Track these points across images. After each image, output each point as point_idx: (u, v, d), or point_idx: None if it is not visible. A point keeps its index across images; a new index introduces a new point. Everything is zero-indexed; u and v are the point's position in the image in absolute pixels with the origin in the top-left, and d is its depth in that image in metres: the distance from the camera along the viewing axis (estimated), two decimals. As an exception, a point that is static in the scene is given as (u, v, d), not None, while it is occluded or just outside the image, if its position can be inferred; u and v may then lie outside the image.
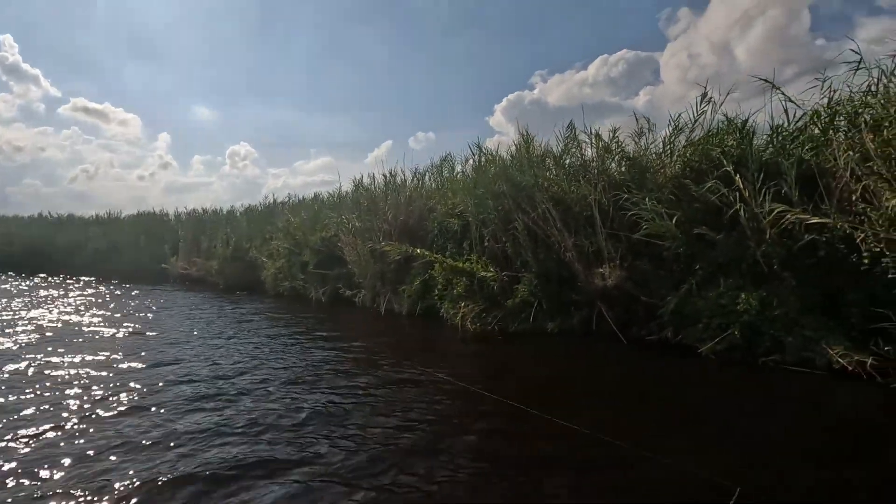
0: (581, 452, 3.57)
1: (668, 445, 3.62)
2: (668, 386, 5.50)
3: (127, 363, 6.22)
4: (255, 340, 7.93)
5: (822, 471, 3.30)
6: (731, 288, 6.41)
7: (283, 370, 5.97)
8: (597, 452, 3.54)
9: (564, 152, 9.03)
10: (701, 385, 5.52)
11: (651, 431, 4.02)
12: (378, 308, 11.24)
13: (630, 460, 3.41)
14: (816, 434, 4.02)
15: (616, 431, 3.77)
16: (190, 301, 13.31)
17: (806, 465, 3.40)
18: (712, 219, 6.97)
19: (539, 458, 3.54)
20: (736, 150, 6.68)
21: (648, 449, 3.48)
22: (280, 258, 15.05)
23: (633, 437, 3.70)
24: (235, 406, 4.61)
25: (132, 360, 6.43)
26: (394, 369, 6.00)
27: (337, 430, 4.03)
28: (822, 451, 3.67)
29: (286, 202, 18.97)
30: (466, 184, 9.75)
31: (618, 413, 4.52)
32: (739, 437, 3.92)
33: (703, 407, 4.73)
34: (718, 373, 5.82)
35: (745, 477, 3.11)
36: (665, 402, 4.87)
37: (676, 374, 5.90)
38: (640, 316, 7.56)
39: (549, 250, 8.37)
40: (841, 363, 5.09)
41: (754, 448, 3.67)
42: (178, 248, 21.55)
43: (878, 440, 3.88)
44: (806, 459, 3.49)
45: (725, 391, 5.26)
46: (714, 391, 5.30)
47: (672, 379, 5.74)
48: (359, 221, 12.07)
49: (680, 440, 3.84)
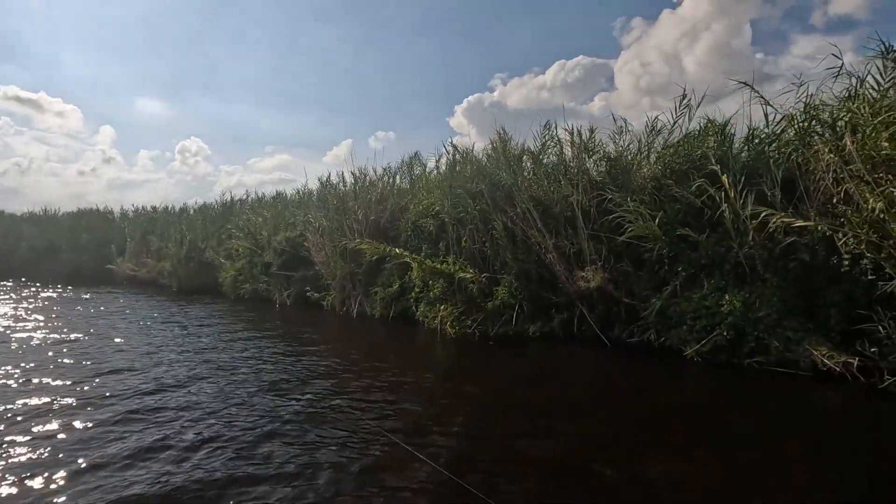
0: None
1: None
2: (661, 392, 5.38)
3: (60, 378, 5.51)
4: (209, 349, 7.27)
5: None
6: (714, 289, 6.41)
7: (234, 385, 5.38)
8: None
9: (542, 151, 8.88)
10: (697, 392, 5.45)
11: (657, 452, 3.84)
12: (348, 311, 10.74)
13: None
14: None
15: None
16: (139, 305, 12.30)
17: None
18: (693, 220, 6.98)
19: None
20: (717, 151, 6.68)
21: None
22: (240, 259, 14.21)
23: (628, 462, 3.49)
24: (168, 427, 4.10)
25: (66, 372, 5.74)
26: (364, 384, 5.59)
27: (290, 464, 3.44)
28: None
29: (245, 200, 18.03)
30: (442, 183, 9.42)
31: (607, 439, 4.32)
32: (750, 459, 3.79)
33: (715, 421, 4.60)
34: (707, 377, 5.78)
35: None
36: (661, 414, 4.73)
37: (667, 381, 5.80)
38: (622, 318, 7.49)
39: (529, 251, 8.18)
40: (828, 364, 5.12)
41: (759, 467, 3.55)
42: (125, 248, 20.09)
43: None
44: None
45: (719, 399, 5.21)
46: (710, 398, 5.23)
47: (663, 386, 5.64)
48: (327, 220, 11.50)
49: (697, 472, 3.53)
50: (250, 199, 17.73)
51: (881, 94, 5.72)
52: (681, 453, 3.66)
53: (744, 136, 7.10)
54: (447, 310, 8.31)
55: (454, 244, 9.15)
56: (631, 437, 4.00)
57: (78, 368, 6.02)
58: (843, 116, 5.72)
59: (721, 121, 7.19)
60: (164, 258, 17.41)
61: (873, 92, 5.77)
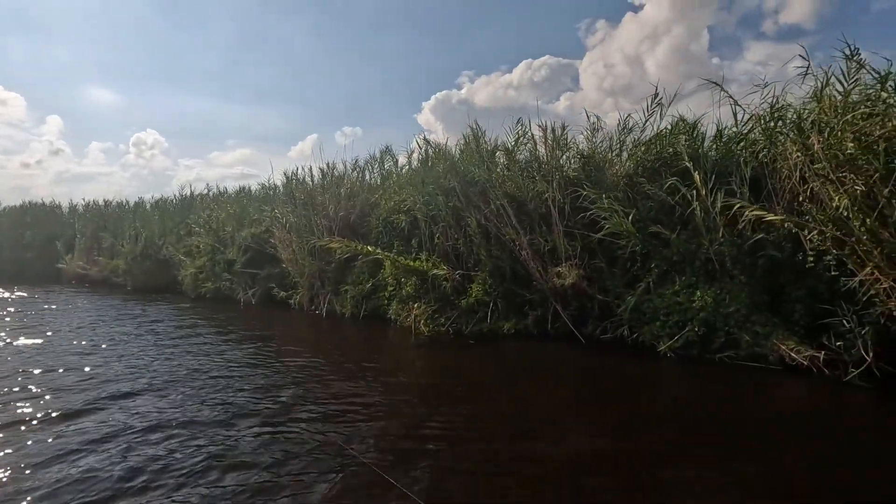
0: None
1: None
2: (640, 388, 5.40)
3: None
4: (159, 354, 6.79)
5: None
6: (686, 286, 6.50)
7: (186, 397, 4.94)
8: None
9: (515, 147, 8.80)
10: (673, 388, 5.49)
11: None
12: (317, 310, 10.39)
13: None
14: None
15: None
16: (90, 305, 11.54)
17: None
18: (665, 217, 7.06)
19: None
20: (689, 149, 6.77)
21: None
22: (201, 256, 13.56)
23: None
24: (97, 456, 3.58)
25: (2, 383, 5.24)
26: (333, 390, 5.36)
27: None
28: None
29: (206, 195, 17.24)
30: (415, 178, 9.22)
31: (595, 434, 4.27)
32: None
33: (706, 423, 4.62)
34: (681, 372, 5.84)
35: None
36: (644, 411, 4.73)
37: (644, 377, 5.83)
38: (596, 314, 7.52)
39: (503, 248, 8.10)
40: (796, 359, 5.25)
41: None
42: (74, 245, 18.89)
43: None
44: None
45: (696, 393, 5.26)
46: (687, 393, 5.27)
47: (641, 382, 5.66)
48: (294, 216, 11.09)
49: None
50: (212, 193, 16.99)
51: (844, 95, 5.92)
52: (678, 454, 3.62)
53: (712, 136, 7.26)
54: (420, 308, 8.14)
55: (427, 241, 8.97)
56: (616, 438, 3.96)
57: (28, 376, 5.52)
58: (808, 116, 5.87)
59: (691, 120, 7.32)
60: (118, 256, 16.46)
61: (837, 94, 5.96)
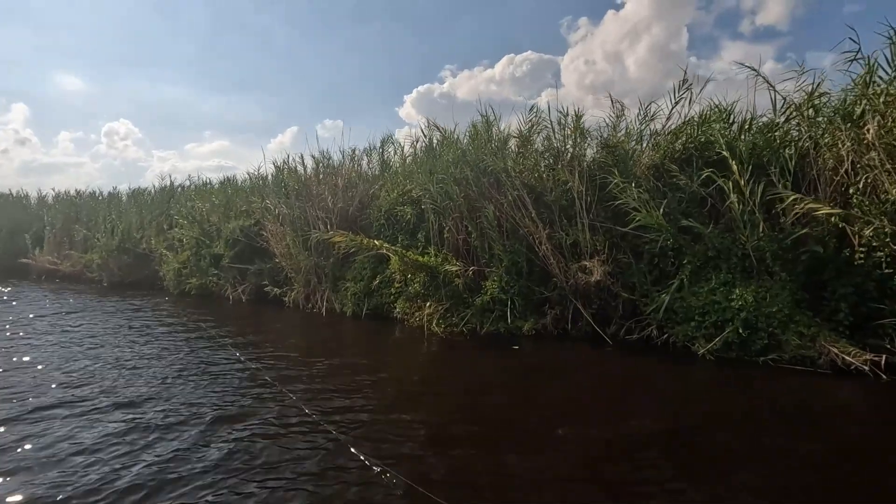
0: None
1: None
2: (683, 396, 4.98)
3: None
4: (138, 357, 6.16)
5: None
6: (722, 283, 6.11)
7: (167, 414, 4.36)
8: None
9: (530, 134, 8.30)
10: (723, 395, 5.08)
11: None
12: (314, 308, 9.74)
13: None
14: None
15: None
16: (62, 303, 10.62)
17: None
18: (695, 210, 6.67)
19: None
20: (725, 137, 6.37)
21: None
22: (185, 250, 12.70)
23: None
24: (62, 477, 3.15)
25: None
26: (346, 402, 4.80)
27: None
28: None
29: (187, 185, 16.30)
30: (422, 167, 8.63)
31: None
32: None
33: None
34: (725, 376, 5.44)
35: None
36: (691, 421, 4.30)
37: (686, 383, 5.41)
38: (620, 314, 7.11)
39: (520, 243, 7.61)
40: (853, 363, 4.90)
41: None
42: (42, 238, 17.65)
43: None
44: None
45: (754, 403, 4.86)
46: (740, 402, 4.87)
47: (684, 389, 5.25)
48: (287, 208, 10.38)
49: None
50: (193, 184, 16.06)
51: (888, 82, 5.59)
52: (731, 467, 3.19)
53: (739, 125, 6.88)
54: (432, 307, 7.59)
55: (435, 235, 8.42)
56: (668, 449, 3.51)
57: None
58: (860, 105, 5.52)
59: (723, 108, 6.91)
60: (93, 249, 15.40)
61: (881, 82, 5.63)
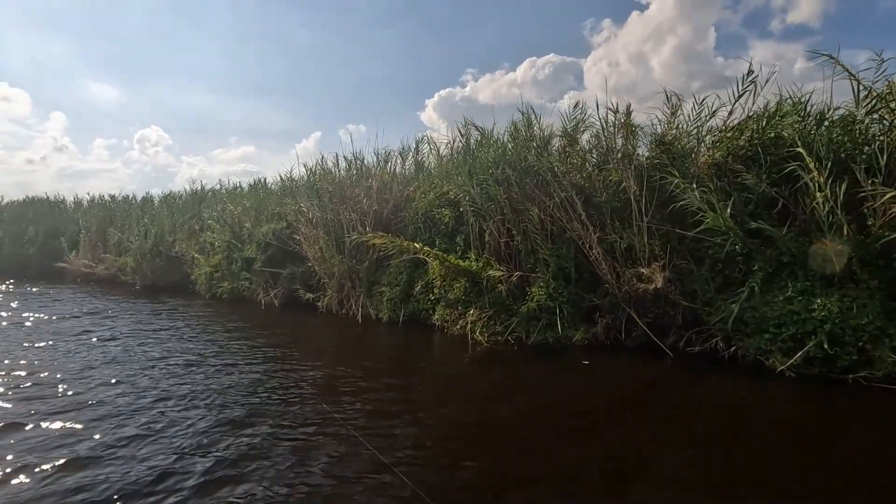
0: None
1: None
2: (776, 418, 4.47)
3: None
4: (182, 364, 5.96)
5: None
6: (799, 291, 5.56)
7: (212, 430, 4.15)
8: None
9: (576, 132, 7.86)
10: (820, 418, 4.55)
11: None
12: (348, 314, 9.47)
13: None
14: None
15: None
16: (96, 306, 10.63)
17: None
18: (764, 212, 6.14)
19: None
20: (802, 132, 5.82)
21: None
22: (216, 254, 12.64)
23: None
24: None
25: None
26: (400, 427, 4.44)
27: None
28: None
29: (218, 189, 16.36)
30: (461, 168, 8.27)
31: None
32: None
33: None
34: (817, 397, 4.90)
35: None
36: (796, 448, 3.81)
37: (773, 403, 4.91)
38: (679, 323, 6.60)
39: (568, 247, 7.18)
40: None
41: None
42: (78, 241, 17.96)
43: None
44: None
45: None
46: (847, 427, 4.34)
47: (773, 410, 4.74)
48: (321, 210, 10.16)
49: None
50: (223, 188, 16.11)
51: None
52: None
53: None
54: (475, 314, 7.21)
55: (476, 238, 8.04)
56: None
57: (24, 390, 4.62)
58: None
59: (791, 99, 6.36)
60: (126, 253, 15.54)
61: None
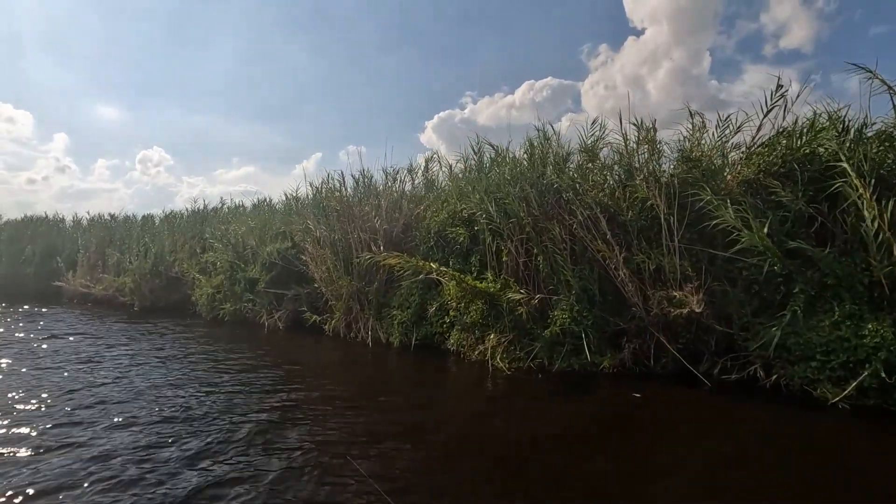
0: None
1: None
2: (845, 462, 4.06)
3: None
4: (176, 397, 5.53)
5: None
6: (846, 316, 5.21)
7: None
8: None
9: (595, 147, 7.60)
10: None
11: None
12: (356, 337, 9.06)
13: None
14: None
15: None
16: (91, 329, 10.19)
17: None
18: (801, 231, 5.84)
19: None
20: (843, 148, 5.55)
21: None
22: (218, 274, 12.26)
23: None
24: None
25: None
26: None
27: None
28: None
29: (219, 208, 16.07)
30: (478, 185, 7.98)
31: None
32: None
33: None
34: (881, 433, 4.50)
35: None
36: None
37: (836, 439, 4.50)
38: (713, 349, 6.23)
39: (592, 267, 6.84)
40: None
41: None
42: (75, 260, 17.55)
43: None
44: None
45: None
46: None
47: (839, 450, 4.33)
48: (328, 230, 9.84)
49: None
50: (226, 207, 15.83)
51: None
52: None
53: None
54: (494, 339, 6.82)
55: (493, 258, 7.71)
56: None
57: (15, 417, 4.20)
58: None
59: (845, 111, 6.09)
60: (125, 273, 15.14)
61: None
